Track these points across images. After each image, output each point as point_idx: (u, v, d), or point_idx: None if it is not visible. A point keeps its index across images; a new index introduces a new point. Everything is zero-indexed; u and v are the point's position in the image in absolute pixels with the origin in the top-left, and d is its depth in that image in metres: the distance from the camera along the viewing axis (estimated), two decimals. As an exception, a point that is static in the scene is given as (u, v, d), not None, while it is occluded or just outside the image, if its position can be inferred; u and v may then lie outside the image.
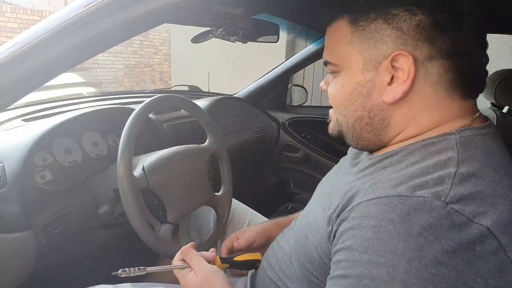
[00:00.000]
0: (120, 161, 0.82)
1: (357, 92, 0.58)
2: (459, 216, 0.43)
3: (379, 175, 0.54)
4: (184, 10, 0.55)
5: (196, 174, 0.98)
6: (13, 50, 0.55)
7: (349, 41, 0.58)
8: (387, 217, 0.45)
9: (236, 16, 0.99)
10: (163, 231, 0.88)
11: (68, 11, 0.54)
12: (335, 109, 0.63)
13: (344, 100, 0.60)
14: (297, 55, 1.86)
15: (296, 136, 1.93)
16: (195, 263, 0.69)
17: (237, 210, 1.08)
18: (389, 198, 0.47)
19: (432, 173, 0.48)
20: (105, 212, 0.94)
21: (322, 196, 0.66)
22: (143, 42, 7.38)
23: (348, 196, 0.54)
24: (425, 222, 0.43)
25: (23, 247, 0.82)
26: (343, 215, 0.52)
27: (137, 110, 0.90)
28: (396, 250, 0.43)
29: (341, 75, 0.60)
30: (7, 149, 0.85)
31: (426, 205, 0.44)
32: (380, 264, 0.44)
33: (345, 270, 0.47)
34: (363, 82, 0.57)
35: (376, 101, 0.57)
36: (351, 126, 0.61)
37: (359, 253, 0.46)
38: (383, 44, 0.54)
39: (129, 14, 0.53)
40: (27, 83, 0.57)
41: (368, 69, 0.56)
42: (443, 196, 0.45)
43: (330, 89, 0.63)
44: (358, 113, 0.59)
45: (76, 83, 5.83)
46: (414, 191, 0.46)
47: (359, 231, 0.47)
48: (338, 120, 0.63)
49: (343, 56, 0.59)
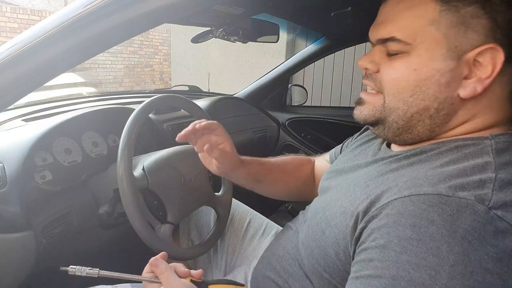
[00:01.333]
0: (120, 161, 0.82)
1: (433, 79, 0.52)
2: (503, 223, 0.41)
3: (409, 171, 0.52)
4: (184, 10, 0.55)
5: (196, 174, 0.98)
6: (13, 50, 0.55)
7: (433, 20, 0.51)
8: (427, 217, 0.42)
9: (236, 16, 0.99)
10: (163, 231, 0.88)
11: (68, 11, 0.54)
12: (394, 93, 0.55)
13: (413, 85, 0.53)
14: (297, 55, 1.86)
15: (296, 136, 1.93)
16: (164, 277, 0.63)
17: (237, 210, 1.08)
18: (428, 196, 0.44)
19: (472, 175, 0.46)
20: (105, 212, 0.93)
21: (341, 190, 0.62)
22: (143, 42, 7.38)
23: (377, 191, 0.51)
24: (469, 225, 0.41)
25: (23, 247, 0.82)
26: (374, 212, 0.48)
27: (137, 110, 0.90)
28: (439, 253, 0.40)
29: (413, 56, 0.53)
30: (7, 149, 0.85)
31: (469, 208, 0.42)
32: (421, 267, 0.41)
33: (378, 270, 0.44)
34: (443, 70, 0.51)
35: (451, 94, 0.52)
36: (409, 116, 0.55)
37: (395, 253, 0.43)
38: (474, 33, 0.50)
39: (129, 14, 0.53)
40: (27, 83, 0.57)
41: (452, 57, 0.51)
42: (486, 201, 0.42)
43: (389, 71, 0.55)
44: (426, 103, 0.53)
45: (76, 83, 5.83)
46: (456, 192, 0.44)
47: (395, 229, 0.44)
48: (391, 106, 0.56)
49: (421, 35, 0.52)
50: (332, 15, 1.19)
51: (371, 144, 0.70)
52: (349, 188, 0.59)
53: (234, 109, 1.75)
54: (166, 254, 0.68)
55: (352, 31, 1.40)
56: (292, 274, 0.67)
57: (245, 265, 0.89)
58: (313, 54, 1.79)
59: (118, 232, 1.08)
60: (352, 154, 0.73)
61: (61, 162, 0.98)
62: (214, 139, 0.75)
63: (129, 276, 0.63)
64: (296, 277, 0.66)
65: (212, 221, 1.06)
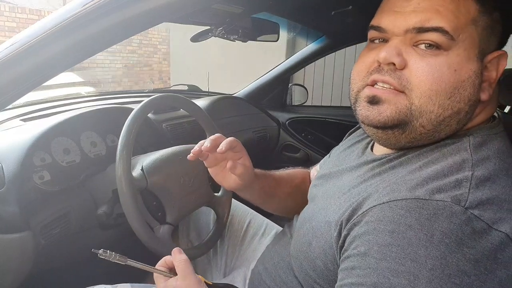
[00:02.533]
0: (119, 161, 0.81)
1: (470, 81, 0.50)
2: (479, 222, 0.41)
3: (390, 176, 0.52)
4: (184, 8, 0.55)
5: (196, 174, 0.98)
6: (12, 50, 0.55)
7: (474, 19, 0.49)
8: (405, 222, 0.43)
9: (236, 15, 0.98)
10: (162, 232, 0.87)
11: (67, 10, 0.54)
12: (431, 95, 0.49)
13: (453, 87, 0.49)
14: (297, 54, 1.85)
15: (296, 136, 1.92)
16: (181, 268, 0.61)
17: (237, 210, 1.07)
18: (406, 201, 0.44)
19: (449, 176, 0.46)
20: (103, 212, 0.93)
21: (326, 198, 0.62)
22: (142, 41, 7.37)
23: (359, 199, 0.51)
24: (446, 228, 0.41)
25: (21, 247, 0.81)
26: (355, 219, 0.49)
27: (136, 109, 0.89)
28: (417, 258, 0.41)
29: (452, 54, 0.49)
30: (6, 149, 0.85)
31: (446, 210, 0.42)
32: (400, 272, 0.41)
33: (360, 278, 0.44)
34: (477, 71, 0.50)
35: (477, 97, 0.51)
36: (441, 120, 0.50)
37: (375, 260, 0.43)
38: (495, 38, 0.51)
39: (128, 13, 0.52)
40: (26, 82, 0.56)
41: (480, 59, 0.50)
42: (462, 201, 0.43)
43: (425, 68, 0.49)
44: (460, 106, 0.50)
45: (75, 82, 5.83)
46: (432, 195, 0.44)
47: (375, 236, 0.44)
48: (423, 110, 0.50)
49: (463, 32, 0.49)
50: (333, 14, 1.19)
51: (355, 149, 0.70)
52: (334, 196, 0.59)
53: (234, 108, 1.74)
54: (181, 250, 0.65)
55: (353, 30, 1.40)
56: (286, 283, 0.66)
57: (244, 267, 0.89)
58: (313, 53, 1.78)
59: (117, 232, 1.07)
60: (337, 160, 0.73)
61: (59, 162, 0.97)
62: (232, 155, 0.70)
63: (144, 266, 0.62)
64: (290, 285, 0.65)
65: (212, 222, 1.05)
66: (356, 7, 1.09)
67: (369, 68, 0.55)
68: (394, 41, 0.52)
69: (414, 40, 0.51)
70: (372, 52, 0.55)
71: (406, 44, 0.51)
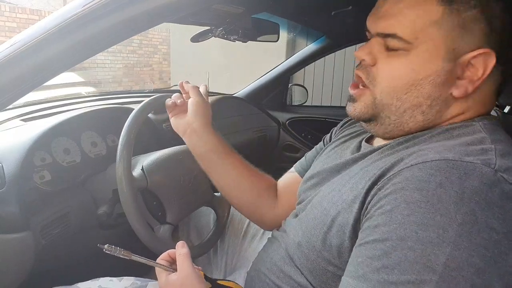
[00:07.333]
0: (119, 161, 0.81)
1: (429, 79, 0.53)
2: (508, 185, 0.43)
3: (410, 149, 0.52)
4: (184, 9, 0.55)
5: (196, 174, 0.98)
6: (12, 50, 0.55)
7: (435, 22, 0.51)
8: (435, 180, 0.43)
9: (236, 15, 0.98)
10: (162, 232, 0.87)
11: (67, 11, 0.54)
12: (389, 91, 0.55)
13: (410, 84, 0.54)
14: (297, 54, 1.85)
15: (296, 136, 1.92)
16: (180, 260, 0.62)
17: (236, 210, 1.07)
18: (436, 162, 0.45)
19: (472, 145, 0.47)
20: (104, 212, 0.93)
21: (332, 184, 0.62)
22: (143, 41, 7.38)
23: (380, 171, 0.50)
24: (477, 187, 0.42)
25: (22, 247, 0.82)
26: (380, 185, 0.49)
27: (136, 109, 0.89)
28: (446, 213, 0.41)
29: (411, 56, 0.53)
30: (6, 149, 0.85)
31: (476, 171, 0.43)
32: (428, 226, 0.41)
33: (384, 234, 0.44)
34: (440, 71, 0.52)
35: (444, 93, 0.54)
36: (401, 112, 0.56)
37: (402, 215, 0.43)
38: (472, 37, 0.51)
39: (128, 13, 0.52)
40: (26, 82, 0.56)
41: (449, 59, 0.52)
42: (492, 164, 0.44)
43: (386, 67, 0.55)
44: (419, 100, 0.54)
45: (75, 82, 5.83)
46: (462, 156, 0.45)
47: (402, 194, 0.44)
48: (384, 103, 0.56)
49: (422, 35, 0.52)
50: (333, 14, 1.19)
51: (345, 147, 0.70)
52: (344, 181, 0.58)
53: (234, 108, 1.74)
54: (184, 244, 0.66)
55: (353, 30, 1.40)
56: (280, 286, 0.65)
57: (245, 267, 0.89)
58: (313, 54, 1.78)
59: (117, 232, 1.07)
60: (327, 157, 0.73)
61: (60, 162, 0.98)
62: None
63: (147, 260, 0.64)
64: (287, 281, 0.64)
65: (212, 222, 1.05)
66: (356, 8, 1.09)
67: (357, 63, 0.61)
68: (372, 40, 0.58)
69: (383, 42, 0.56)
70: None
71: (380, 44, 0.56)
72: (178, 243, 0.66)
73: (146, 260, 0.63)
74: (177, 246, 0.65)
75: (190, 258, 0.63)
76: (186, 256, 0.63)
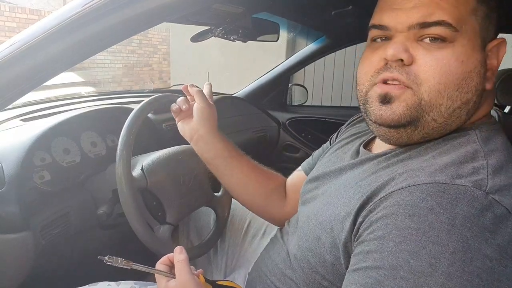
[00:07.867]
0: (119, 161, 0.81)
1: (477, 70, 0.50)
2: (500, 208, 0.42)
3: (403, 166, 0.51)
4: (184, 9, 0.55)
5: (196, 174, 0.98)
6: (12, 50, 0.55)
7: (473, 9, 0.50)
8: (426, 206, 0.42)
9: (236, 15, 0.98)
10: (162, 232, 0.87)
11: (67, 10, 0.54)
12: (440, 88, 0.50)
13: (461, 78, 0.49)
14: (297, 54, 1.85)
15: (296, 136, 1.92)
16: (178, 268, 0.61)
17: (236, 210, 1.07)
18: (426, 185, 0.43)
19: (465, 163, 0.46)
20: (103, 212, 0.93)
21: (330, 195, 0.61)
22: (142, 41, 7.37)
23: (372, 188, 0.50)
24: (468, 212, 0.41)
25: (21, 248, 0.81)
26: (371, 206, 0.47)
27: (136, 109, 0.89)
28: (438, 241, 0.40)
29: (457, 46, 0.49)
30: (6, 149, 0.85)
31: (467, 194, 0.42)
32: (420, 255, 0.40)
33: (376, 261, 0.43)
34: (482, 60, 0.50)
35: (483, 86, 0.51)
36: (450, 112, 0.51)
37: (394, 243, 0.42)
38: (492, 27, 0.51)
39: (128, 13, 0.52)
40: (26, 82, 0.56)
41: (483, 48, 0.50)
42: (483, 186, 0.43)
43: (432, 62, 0.49)
44: (468, 96, 0.50)
45: (75, 82, 5.83)
46: (453, 179, 0.43)
47: (394, 220, 0.43)
48: (432, 103, 0.50)
49: (465, 23, 0.49)
50: (333, 14, 1.19)
51: (346, 150, 0.70)
52: (339, 191, 0.57)
53: (234, 108, 1.74)
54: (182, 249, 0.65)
55: (353, 30, 1.40)
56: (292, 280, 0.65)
57: (245, 267, 0.89)
58: (313, 53, 1.78)
59: (117, 232, 1.07)
60: (329, 161, 0.72)
61: (59, 162, 0.97)
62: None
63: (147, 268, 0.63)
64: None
65: (212, 222, 1.05)
66: (356, 7, 1.09)
67: (376, 67, 0.54)
68: (398, 37, 0.52)
69: (418, 35, 0.51)
70: (377, 51, 0.55)
71: (411, 39, 0.51)
72: (176, 248, 0.64)
73: (147, 268, 0.63)
74: (175, 251, 0.64)
75: (188, 264, 0.63)
76: (184, 262, 0.62)
